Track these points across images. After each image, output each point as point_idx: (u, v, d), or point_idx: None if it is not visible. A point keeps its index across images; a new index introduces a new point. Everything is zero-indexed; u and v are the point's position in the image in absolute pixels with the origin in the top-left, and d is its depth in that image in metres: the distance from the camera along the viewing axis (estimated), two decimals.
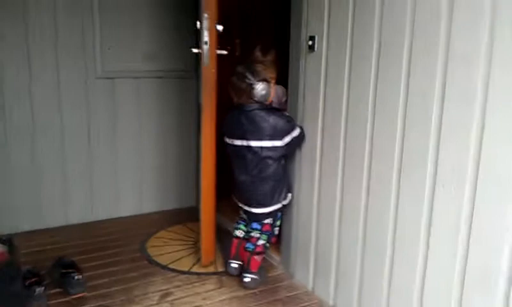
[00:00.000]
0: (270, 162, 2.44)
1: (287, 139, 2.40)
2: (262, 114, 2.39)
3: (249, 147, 2.43)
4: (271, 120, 2.38)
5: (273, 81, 2.52)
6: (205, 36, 2.37)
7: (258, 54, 2.63)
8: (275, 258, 2.86)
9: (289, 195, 2.57)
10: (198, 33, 2.43)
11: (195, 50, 2.47)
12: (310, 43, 2.31)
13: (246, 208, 2.60)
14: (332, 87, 2.17)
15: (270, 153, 2.42)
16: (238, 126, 2.46)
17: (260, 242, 2.59)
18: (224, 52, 2.53)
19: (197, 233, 2.91)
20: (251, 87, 2.39)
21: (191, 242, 3.16)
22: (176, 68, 3.56)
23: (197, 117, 3.12)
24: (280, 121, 2.40)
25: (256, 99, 2.41)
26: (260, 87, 2.40)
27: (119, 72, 3.43)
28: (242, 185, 2.55)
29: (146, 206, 3.70)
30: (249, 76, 2.40)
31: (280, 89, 2.76)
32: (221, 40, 2.54)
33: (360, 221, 2.04)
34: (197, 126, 3.18)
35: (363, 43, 1.94)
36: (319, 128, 2.29)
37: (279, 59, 2.65)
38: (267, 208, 2.54)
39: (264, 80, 2.43)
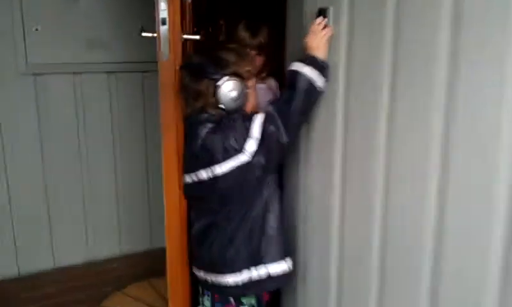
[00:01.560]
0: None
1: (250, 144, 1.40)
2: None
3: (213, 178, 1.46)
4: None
5: (256, 77, 1.57)
6: (162, 10, 1.36)
7: (244, 34, 1.90)
8: None
9: (287, 260, 1.56)
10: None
11: (146, 34, 1.45)
12: (319, 20, 1.36)
13: (208, 277, 1.58)
14: (357, 93, 1.19)
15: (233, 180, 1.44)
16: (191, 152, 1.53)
17: None
18: (196, 37, 1.53)
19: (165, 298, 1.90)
20: (214, 86, 1.42)
21: None
22: (134, 58, 2.51)
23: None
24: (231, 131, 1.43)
25: (223, 106, 1.44)
26: (226, 87, 1.43)
27: (51, 66, 2.42)
28: (199, 236, 1.58)
29: (97, 250, 2.69)
30: (210, 68, 1.42)
31: (274, 83, 2.00)
32: (197, 19, 1.70)
33: None
34: None
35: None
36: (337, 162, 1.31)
37: (275, 42, 1.92)
38: (237, 275, 1.51)
39: (235, 74, 1.45)
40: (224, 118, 1.43)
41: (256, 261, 1.49)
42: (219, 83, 1.41)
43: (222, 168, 1.42)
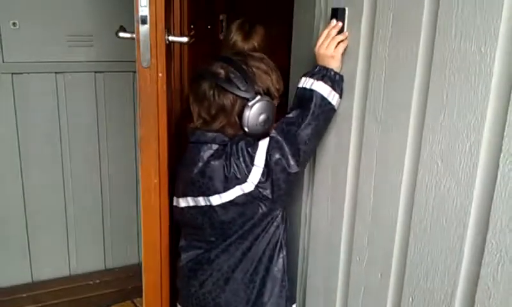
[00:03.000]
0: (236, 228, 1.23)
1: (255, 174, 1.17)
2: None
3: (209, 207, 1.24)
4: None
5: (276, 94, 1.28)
6: (143, 6, 1.12)
7: (235, 36, 1.70)
8: None
9: None
10: None
11: (124, 35, 1.22)
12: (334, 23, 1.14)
13: None
14: (376, 114, 0.95)
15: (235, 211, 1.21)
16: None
17: None
18: (184, 40, 1.30)
19: None
20: (242, 105, 1.18)
21: None
22: (123, 56, 2.25)
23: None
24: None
25: (247, 129, 1.19)
26: (257, 108, 1.17)
27: (30, 64, 2.18)
28: (188, 272, 1.34)
29: (77, 265, 2.46)
30: (241, 83, 1.17)
31: None
32: (195, 15, 1.53)
33: None
34: None
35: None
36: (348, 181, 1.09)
37: (272, 44, 1.70)
38: None
39: (266, 93, 1.21)
40: (230, 141, 1.20)
41: None
42: (251, 103, 1.17)
43: (222, 198, 1.19)
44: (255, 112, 1.17)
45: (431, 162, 0.88)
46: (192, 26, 1.83)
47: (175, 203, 1.34)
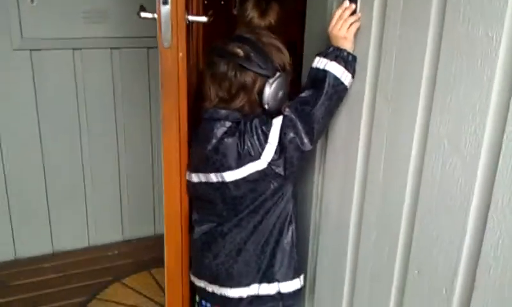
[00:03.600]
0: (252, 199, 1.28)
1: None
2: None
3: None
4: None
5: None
6: None
7: (251, 13, 1.68)
8: None
9: (301, 278, 1.41)
10: None
11: (146, 15, 1.26)
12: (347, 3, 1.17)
13: (210, 287, 1.41)
14: (394, 100, 0.99)
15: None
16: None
17: None
18: (203, 19, 1.33)
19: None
20: (263, 83, 1.23)
21: None
22: (138, 33, 2.29)
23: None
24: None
25: (267, 106, 1.24)
26: (277, 84, 1.23)
27: (48, 41, 2.23)
28: (202, 245, 1.41)
29: (96, 236, 2.55)
30: (260, 60, 1.21)
31: None
32: None
33: None
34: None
35: None
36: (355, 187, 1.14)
37: (286, 20, 1.71)
38: (244, 290, 1.35)
39: (283, 69, 1.26)
40: (244, 118, 1.24)
41: (268, 276, 1.33)
42: (271, 80, 1.22)
43: (235, 175, 1.24)
44: (274, 89, 1.22)
45: (438, 142, 0.92)
46: (205, 1, 1.84)
47: (187, 177, 1.39)
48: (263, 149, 1.20)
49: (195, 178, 1.35)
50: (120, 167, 2.51)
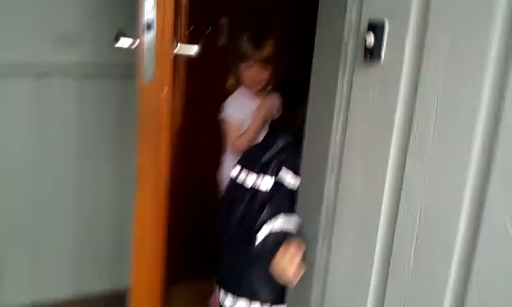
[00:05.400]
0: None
1: None
2: None
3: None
4: None
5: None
6: (149, 10, 0.94)
7: (246, 44, 1.72)
8: None
9: None
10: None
11: (124, 42, 1.04)
12: (368, 39, 0.94)
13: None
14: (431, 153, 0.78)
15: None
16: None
17: None
18: (193, 51, 1.12)
19: None
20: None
21: None
22: (114, 59, 1.95)
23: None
24: None
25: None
26: None
27: (9, 67, 1.96)
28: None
29: (49, 289, 2.21)
30: None
31: (277, 99, 1.83)
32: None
33: None
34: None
35: None
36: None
37: (282, 54, 1.77)
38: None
39: None
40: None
41: None
42: None
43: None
44: None
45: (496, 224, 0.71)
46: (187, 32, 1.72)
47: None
48: None
49: (242, 174, 1.47)
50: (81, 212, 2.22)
